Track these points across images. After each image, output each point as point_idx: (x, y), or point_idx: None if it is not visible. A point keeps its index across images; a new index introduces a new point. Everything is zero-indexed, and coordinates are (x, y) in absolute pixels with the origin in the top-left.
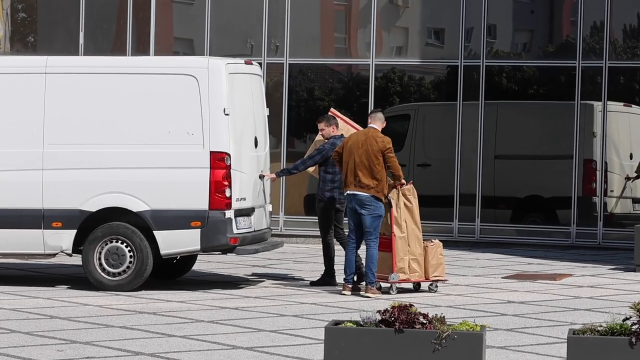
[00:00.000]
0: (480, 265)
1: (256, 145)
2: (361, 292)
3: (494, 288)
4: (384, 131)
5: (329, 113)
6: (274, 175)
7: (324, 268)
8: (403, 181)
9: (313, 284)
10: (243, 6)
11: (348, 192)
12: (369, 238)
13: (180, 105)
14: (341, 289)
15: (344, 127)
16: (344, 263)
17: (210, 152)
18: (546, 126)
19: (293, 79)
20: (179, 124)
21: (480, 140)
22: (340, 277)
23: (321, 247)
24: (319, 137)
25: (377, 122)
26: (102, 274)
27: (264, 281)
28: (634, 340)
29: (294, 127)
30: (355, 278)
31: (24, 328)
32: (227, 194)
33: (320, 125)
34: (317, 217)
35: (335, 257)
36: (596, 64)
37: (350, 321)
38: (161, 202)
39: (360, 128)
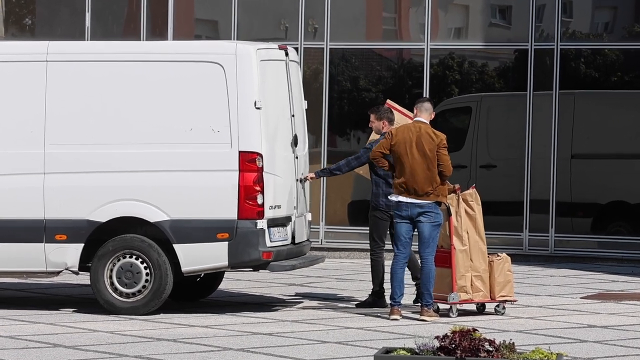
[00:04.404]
0: (555, 283)
1: (295, 144)
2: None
3: (571, 310)
4: (436, 126)
5: (385, 105)
6: (313, 175)
7: (371, 287)
8: (450, 185)
9: (359, 305)
10: None
11: (401, 199)
12: (425, 251)
13: (204, 98)
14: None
15: (403, 121)
16: (390, 282)
17: (239, 152)
18: (632, 120)
19: (334, 67)
20: (202, 119)
21: (554, 137)
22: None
23: (368, 263)
24: (374, 136)
25: (425, 114)
26: (114, 294)
27: (302, 302)
28: None
29: (335, 122)
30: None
31: (23, 358)
32: (259, 201)
33: (371, 117)
34: (364, 227)
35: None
36: None
37: (403, 348)
38: (182, 211)
39: None
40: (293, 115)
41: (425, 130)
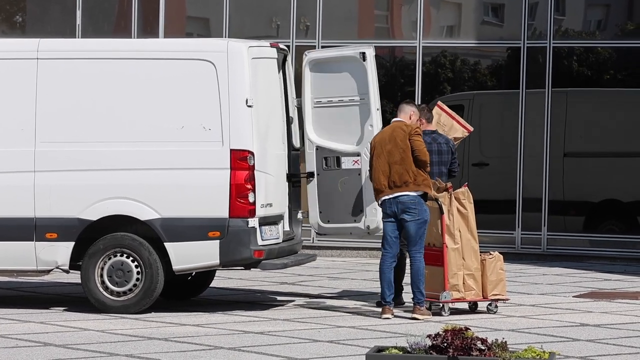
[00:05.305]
0: (548, 281)
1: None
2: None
3: (564, 308)
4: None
5: (436, 107)
6: None
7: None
8: (442, 183)
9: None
10: None
11: (384, 197)
12: (413, 249)
13: (195, 96)
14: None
15: (448, 122)
16: (380, 282)
17: (231, 150)
18: (625, 118)
19: None
20: (193, 117)
21: (546, 135)
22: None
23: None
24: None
25: (401, 115)
26: (105, 293)
27: (293, 301)
28: None
29: None
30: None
31: (14, 358)
32: (251, 199)
33: None
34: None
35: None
36: None
37: (395, 347)
38: (173, 209)
39: (467, 125)
40: (378, 109)
41: (397, 125)
